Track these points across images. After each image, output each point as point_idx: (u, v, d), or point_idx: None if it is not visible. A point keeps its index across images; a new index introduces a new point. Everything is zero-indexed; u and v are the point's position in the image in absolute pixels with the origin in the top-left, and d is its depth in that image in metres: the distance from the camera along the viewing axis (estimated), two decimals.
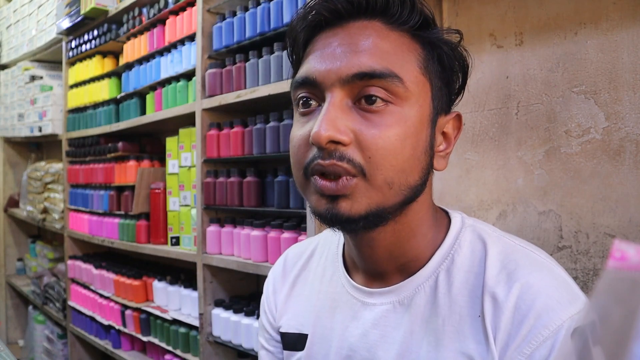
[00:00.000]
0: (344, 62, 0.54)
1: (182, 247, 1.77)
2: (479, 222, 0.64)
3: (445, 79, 0.59)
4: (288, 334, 0.72)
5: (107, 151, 2.17)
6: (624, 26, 0.91)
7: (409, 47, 0.56)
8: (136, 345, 2.13)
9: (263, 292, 0.79)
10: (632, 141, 0.91)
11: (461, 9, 1.15)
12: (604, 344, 0.22)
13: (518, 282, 0.54)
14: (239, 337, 1.47)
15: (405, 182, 0.55)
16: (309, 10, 0.58)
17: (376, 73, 0.53)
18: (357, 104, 0.55)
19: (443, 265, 0.60)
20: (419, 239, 0.61)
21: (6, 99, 3.20)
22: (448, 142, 0.61)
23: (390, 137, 0.53)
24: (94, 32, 2.25)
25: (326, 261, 0.72)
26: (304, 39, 0.60)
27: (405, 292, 0.61)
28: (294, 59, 0.62)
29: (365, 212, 0.54)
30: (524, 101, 1.05)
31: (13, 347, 3.26)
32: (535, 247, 0.60)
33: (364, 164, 0.53)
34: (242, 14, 1.48)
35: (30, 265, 3.31)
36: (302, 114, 0.58)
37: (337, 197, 0.54)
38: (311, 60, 0.57)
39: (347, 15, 0.57)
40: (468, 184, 1.14)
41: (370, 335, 0.62)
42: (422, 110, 0.56)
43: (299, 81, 0.57)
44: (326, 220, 0.55)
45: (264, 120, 1.42)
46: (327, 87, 0.55)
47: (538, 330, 0.51)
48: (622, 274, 0.22)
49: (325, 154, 0.53)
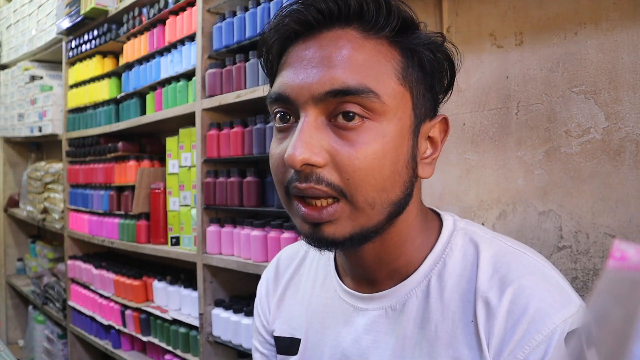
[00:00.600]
0: (316, 78, 0.51)
1: (182, 247, 1.77)
2: (471, 224, 0.63)
3: (427, 83, 0.56)
4: (281, 337, 0.72)
5: (107, 151, 2.16)
6: (624, 26, 0.91)
7: (386, 56, 0.53)
8: (136, 345, 2.13)
9: (256, 295, 0.79)
10: (632, 141, 0.91)
11: (461, 9, 1.15)
12: (602, 345, 0.22)
13: (510, 286, 0.53)
14: (239, 337, 1.47)
15: (387, 200, 0.53)
16: (280, 20, 0.55)
17: (350, 90, 0.50)
18: (333, 120, 0.52)
19: (435, 270, 0.59)
20: (408, 245, 0.60)
21: (6, 99, 3.20)
22: (435, 147, 0.59)
23: (367, 156, 0.51)
24: (94, 32, 2.25)
25: (318, 265, 0.71)
26: (277, 50, 0.57)
27: (397, 298, 0.60)
28: (269, 71, 0.60)
29: (350, 234, 0.53)
30: (524, 101, 1.05)
31: (13, 347, 3.26)
32: (528, 249, 0.59)
33: (342, 185, 0.51)
34: (242, 14, 1.48)
35: (30, 265, 3.31)
36: (278, 130, 0.56)
37: (321, 223, 0.52)
38: (284, 74, 0.54)
39: (318, 25, 0.54)
40: (468, 184, 1.14)
41: (363, 341, 0.61)
42: (402, 123, 0.53)
43: (273, 97, 0.55)
44: (311, 243, 0.55)
45: (264, 120, 1.42)
46: (300, 105, 0.52)
47: (531, 335, 0.51)
48: (622, 274, 0.22)
49: (302, 177, 0.51)
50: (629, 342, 0.20)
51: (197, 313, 1.64)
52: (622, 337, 0.21)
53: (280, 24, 0.55)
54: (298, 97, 0.52)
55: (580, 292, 0.96)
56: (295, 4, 0.54)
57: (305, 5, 0.53)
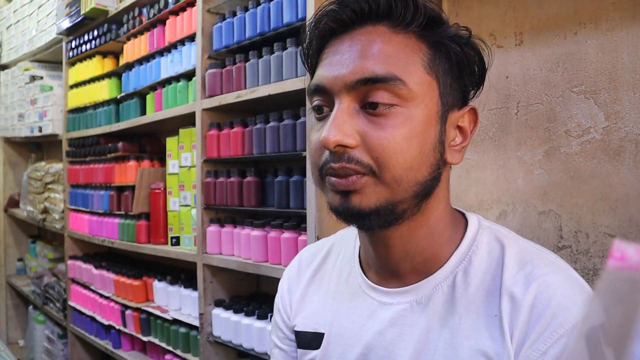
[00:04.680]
0: (349, 69, 0.57)
1: (182, 247, 1.77)
2: (494, 225, 0.66)
3: (455, 75, 0.60)
4: (303, 332, 0.73)
5: (107, 151, 2.17)
6: (624, 26, 0.91)
7: (414, 49, 0.58)
8: (136, 345, 2.13)
9: (277, 292, 0.80)
10: (631, 141, 0.91)
11: (461, 9, 1.15)
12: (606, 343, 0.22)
13: (535, 281, 0.56)
14: (239, 337, 1.47)
15: (414, 179, 0.57)
16: (319, 19, 0.61)
17: (379, 77, 0.56)
18: (364, 107, 0.57)
19: (461, 266, 0.61)
20: (436, 237, 0.62)
21: (6, 99, 3.20)
22: (464, 136, 0.62)
23: (395, 137, 0.55)
24: (94, 32, 2.25)
25: (342, 261, 0.73)
26: (316, 47, 0.63)
27: (423, 292, 0.62)
28: (310, 66, 0.66)
29: (375, 206, 0.56)
30: (523, 101, 1.05)
31: (13, 347, 3.26)
32: (549, 251, 0.63)
33: (372, 163, 0.56)
34: (242, 14, 1.48)
35: (30, 265, 3.32)
36: (317, 120, 0.62)
37: (349, 193, 0.57)
38: (321, 68, 0.61)
39: (352, 23, 0.59)
40: (468, 184, 1.14)
41: (388, 334, 0.63)
42: (429, 109, 0.58)
43: (312, 89, 0.61)
44: (340, 213, 0.59)
45: (264, 120, 1.42)
46: (335, 93, 0.58)
47: (553, 329, 0.53)
48: (622, 274, 0.22)
49: (336, 157, 0.56)
50: (629, 342, 0.20)
51: (197, 313, 1.64)
52: (622, 336, 0.21)
53: (318, 23, 0.61)
54: (333, 86, 0.58)
55: None
56: (332, 4, 0.61)
57: (341, 5, 0.60)
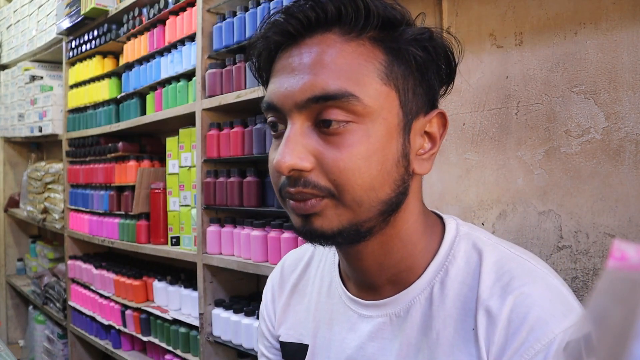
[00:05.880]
0: (298, 85, 0.52)
1: (182, 247, 1.77)
2: (474, 229, 0.62)
3: (417, 79, 0.55)
4: (288, 343, 0.72)
5: (107, 151, 2.17)
6: (624, 26, 0.91)
7: (368, 57, 0.53)
8: (136, 345, 2.13)
9: (262, 299, 0.79)
10: (631, 141, 0.91)
11: (461, 9, 1.15)
12: (601, 345, 0.22)
13: (512, 294, 0.53)
14: (239, 337, 1.47)
15: (376, 198, 0.53)
16: (263, 33, 0.57)
17: (329, 95, 0.51)
18: (318, 125, 0.53)
19: (437, 277, 0.58)
20: (409, 248, 0.59)
21: (6, 99, 3.20)
22: (433, 142, 0.58)
23: (352, 157, 0.51)
24: (94, 32, 2.25)
25: (323, 271, 0.71)
26: (265, 61, 0.59)
27: (400, 305, 0.60)
28: (262, 81, 0.62)
29: (338, 228, 0.54)
30: (523, 101, 1.05)
31: (13, 347, 3.26)
32: (532, 256, 0.59)
33: (330, 186, 0.52)
34: (242, 14, 1.48)
35: (30, 265, 3.32)
36: (274, 137, 0.58)
37: (309, 216, 0.54)
38: (272, 83, 0.56)
39: (299, 33, 0.54)
40: (468, 184, 1.14)
41: (368, 348, 0.61)
42: (388, 122, 0.53)
43: (264, 106, 0.57)
44: (303, 235, 0.56)
45: (264, 120, 1.42)
46: (287, 112, 0.54)
47: (530, 344, 0.50)
48: (622, 274, 0.22)
49: (291, 182, 0.53)
50: (628, 342, 0.20)
51: (197, 313, 1.64)
52: (622, 337, 0.21)
53: (264, 36, 0.57)
54: (284, 105, 0.54)
55: (580, 292, 0.96)
56: (277, 14, 0.55)
57: (286, 16, 0.54)
